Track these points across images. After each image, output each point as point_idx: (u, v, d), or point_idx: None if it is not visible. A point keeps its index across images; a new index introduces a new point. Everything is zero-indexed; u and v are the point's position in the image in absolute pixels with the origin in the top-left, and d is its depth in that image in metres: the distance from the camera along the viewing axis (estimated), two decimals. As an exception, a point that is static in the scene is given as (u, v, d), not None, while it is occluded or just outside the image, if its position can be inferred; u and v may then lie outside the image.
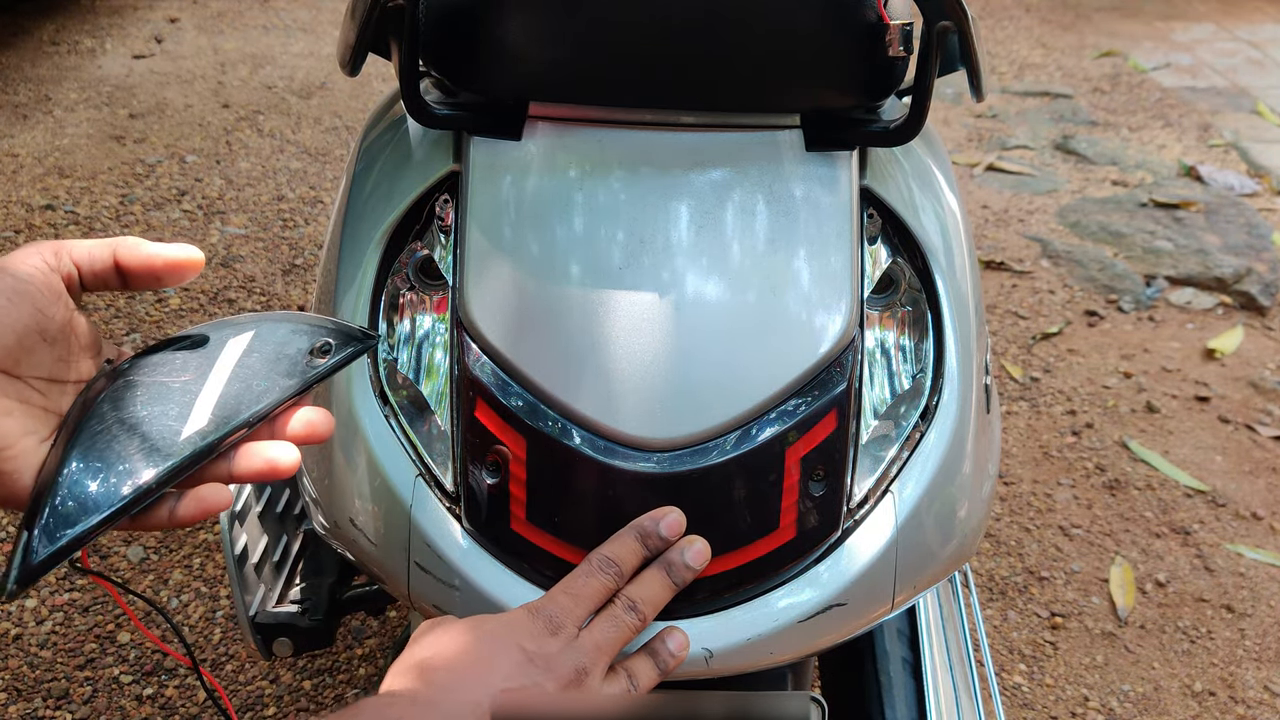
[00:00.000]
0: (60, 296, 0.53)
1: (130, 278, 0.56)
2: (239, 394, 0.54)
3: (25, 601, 1.54)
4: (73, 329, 0.54)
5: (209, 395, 0.54)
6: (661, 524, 0.61)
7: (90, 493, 0.50)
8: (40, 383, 0.53)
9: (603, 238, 0.64)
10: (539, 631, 0.58)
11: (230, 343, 0.56)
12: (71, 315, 0.54)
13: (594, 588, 0.60)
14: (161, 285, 0.57)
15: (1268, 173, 3.06)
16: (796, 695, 0.72)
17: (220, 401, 0.54)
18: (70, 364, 0.55)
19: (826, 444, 0.63)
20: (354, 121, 3.15)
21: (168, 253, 0.56)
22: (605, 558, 0.61)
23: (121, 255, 0.55)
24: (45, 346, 0.53)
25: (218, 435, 0.53)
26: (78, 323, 0.55)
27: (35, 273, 0.52)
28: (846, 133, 0.68)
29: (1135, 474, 1.91)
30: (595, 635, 0.60)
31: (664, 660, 0.62)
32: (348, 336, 0.58)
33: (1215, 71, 3.90)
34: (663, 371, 0.62)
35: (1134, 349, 2.27)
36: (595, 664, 0.59)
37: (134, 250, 0.55)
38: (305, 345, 0.57)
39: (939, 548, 0.68)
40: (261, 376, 0.55)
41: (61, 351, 0.54)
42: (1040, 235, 2.70)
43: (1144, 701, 1.49)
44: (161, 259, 0.55)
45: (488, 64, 0.65)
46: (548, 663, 0.57)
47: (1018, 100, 3.60)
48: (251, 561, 0.91)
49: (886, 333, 0.69)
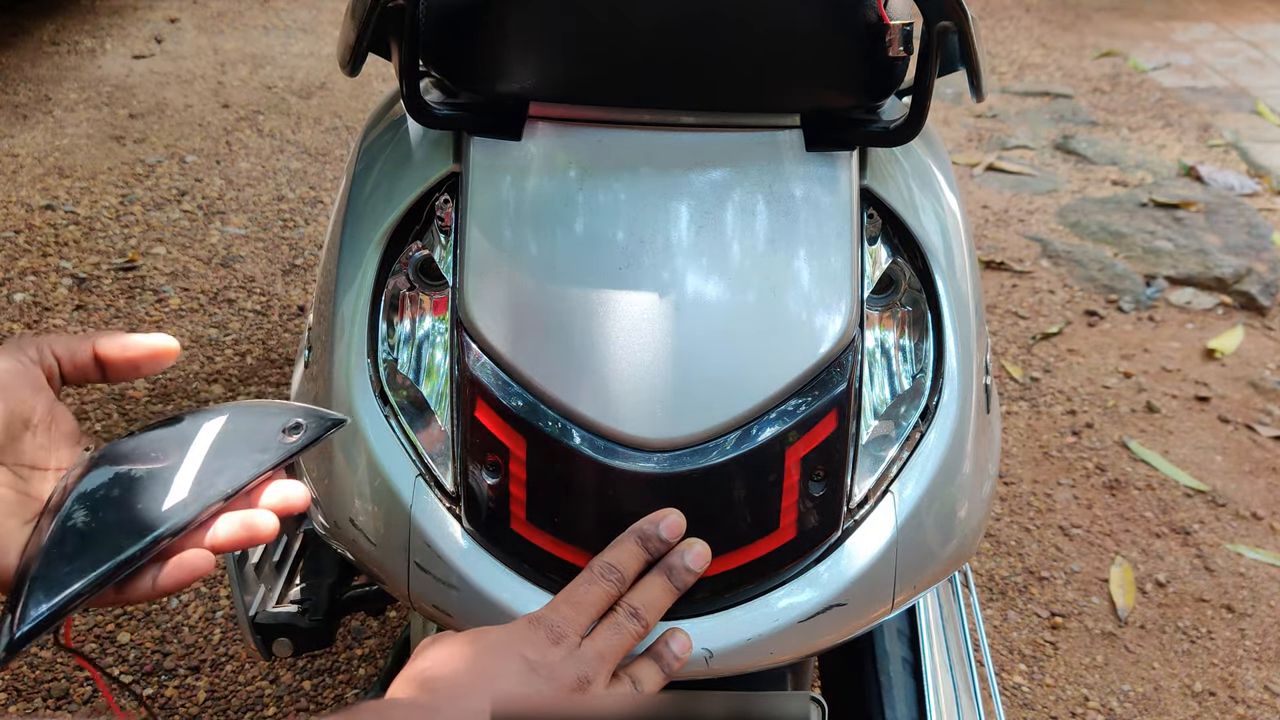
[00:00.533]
0: (42, 388, 0.58)
1: (109, 369, 0.60)
2: (216, 469, 0.57)
3: (25, 601, 1.54)
4: (54, 419, 0.59)
5: (187, 471, 0.57)
6: (661, 526, 0.61)
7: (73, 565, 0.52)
8: (23, 469, 0.57)
9: (603, 238, 0.64)
10: (541, 641, 0.58)
11: (205, 425, 0.59)
12: (52, 405, 0.59)
13: (596, 595, 0.60)
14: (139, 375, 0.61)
15: (1268, 173, 3.07)
16: (796, 695, 0.72)
17: (199, 476, 0.57)
18: (51, 451, 0.59)
19: (826, 444, 0.63)
20: (354, 121, 3.15)
21: (144, 343, 0.61)
22: (607, 564, 0.61)
23: (101, 348, 0.60)
24: (28, 435, 0.57)
25: (197, 507, 0.56)
26: (59, 413, 0.59)
27: (18, 365, 0.57)
28: (846, 133, 0.68)
29: (1135, 474, 1.91)
30: (598, 643, 0.59)
31: (668, 663, 0.61)
32: (318, 418, 0.61)
33: (1215, 71, 3.90)
34: (663, 371, 0.62)
35: (1134, 349, 2.27)
36: (598, 672, 0.59)
37: (112, 343, 0.60)
38: (278, 424, 0.60)
39: (939, 548, 0.68)
40: (237, 453, 0.58)
41: (43, 440, 0.58)
42: (1040, 235, 2.70)
43: (1144, 701, 1.49)
44: (139, 349, 0.60)
45: (488, 64, 0.65)
46: (550, 672, 0.57)
47: (1018, 100, 3.60)
48: (251, 561, 0.91)
49: (886, 333, 0.69)
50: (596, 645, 0.59)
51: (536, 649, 0.58)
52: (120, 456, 0.58)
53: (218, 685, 1.44)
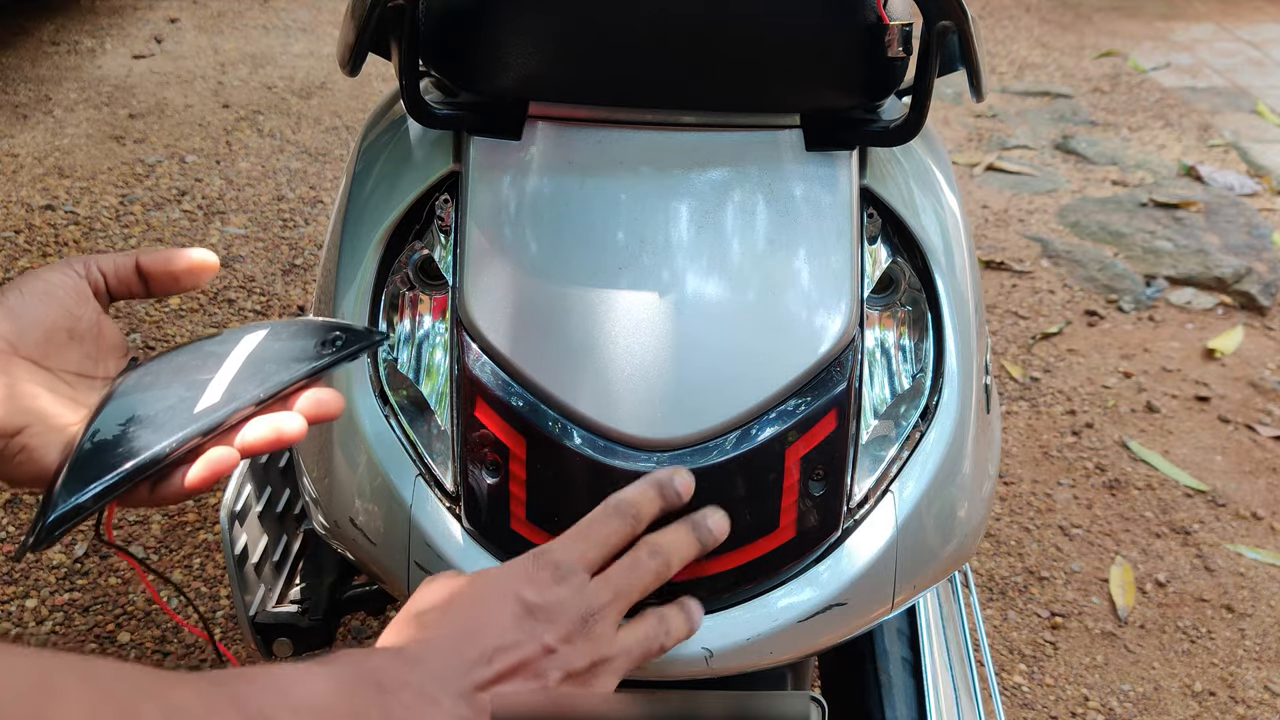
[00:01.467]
0: (88, 300, 0.60)
1: (152, 283, 0.62)
2: (250, 376, 0.58)
3: (26, 601, 1.54)
4: (100, 331, 0.61)
5: (222, 378, 0.58)
6: (676, 479, 0.59)
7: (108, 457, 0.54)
8: (69, 376, 0.59)
9: (602, 238, 0.64)
10: (544, 580, 0.55)
11: (245, 338, 0.60)
12: (99, 318, 0.61)
13: (610, 531, 0.57)
14: (181, 289, 0.63)
15: (1268, 173, 3.07)
16: (796, 695, 0.72)
17: (233, 383, 0.58)
18: (98, 362, 0.60)
19: (826, 444, 0.63)
20: (354, 121, 3.15)
21: (185, 257, 0.62)
22: (624, 500, 0.58)
23: (144, 262, 0.62)
24: (73, 344, 0.59)
25: (229, 410, 0.57)
26: (105, 326, 0.61)
27: (64, 278, 0.59)
28: (846, 133, 0.68)
29: (1135, 474, 1.91)
30: (612, 580, 0.56)
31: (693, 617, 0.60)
32: (357, 332, 0.62)
33: (1215, 71, 3.90)
34: (663, 371, 0.62)
35: (1134, 349, 2.27)
36: (608, 610, 0.56)
37: (155, 258, 0.62)
38: (317, 339, 0.61)
39: (939, 547, 0.68)
40: (273, 363, 0.59)
41: (89, 350, 0.60)
42: (1040, 235, 2.70)
43: (1144, 701, 1.49)
44: (180, 263, 0.62)
45: (488, 64, 0.65)
46: (550, 614, 0.54)
47: (1018, 100, 3.60)
48: (251, 561, 0.91)
49: (886, 332, 0.69)
50: (611, 581, 0.56)
51: (537, 588, 0.55)
52: (160, 367, 0.59)
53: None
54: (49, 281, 0.58)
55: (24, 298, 0.57)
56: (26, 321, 0.57)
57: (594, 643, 0.55)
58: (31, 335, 0.57)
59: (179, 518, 1.70)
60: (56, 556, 1.62)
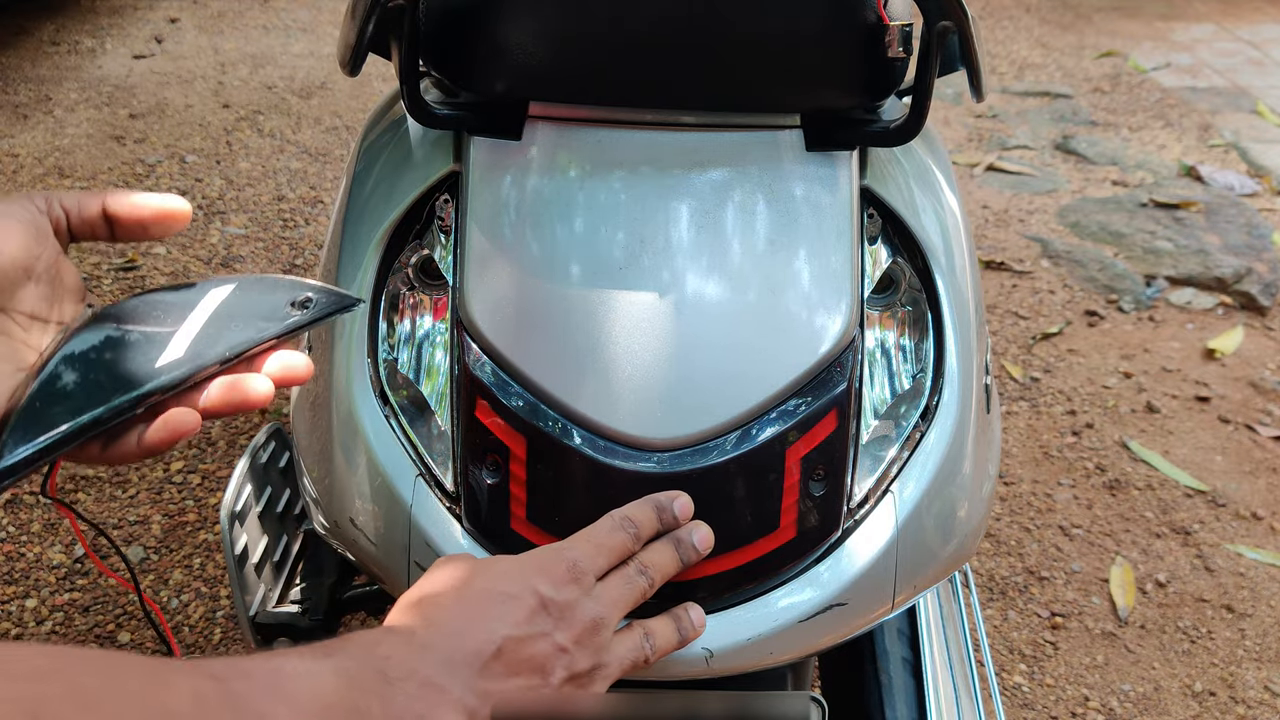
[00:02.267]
0: (47, 238, 0.56)
1: (118, 227, 0.57)
2: (216, 334, 0.55)
3: (26, 601, 1.54)
4: (59, 272, 0.57)
5: (186, 334, 0.55)
6: (675, 504, 0.61)
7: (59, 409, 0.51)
8: (23, 318, 0.55)
9: (603, 238, 0.64)
10: (560, 576, 0.56)
11: (212, 292, 0.57)
12: (58, 258, 0.57)
13: (616, 543, 0.59)
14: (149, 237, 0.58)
15: (1268, 173, 3.06)
16: (796, 695, 0.72)
17: (197, 339, 0.55)
18: (54, 305, 0.57)
19: (827, 444, 0.63)
20: (354, 121, 3.15)
21: (155, 202, 0.57)
22: (626, 518, 0.60)
23: (110, 204, 0.57)
24: (30, 284, 0.55)
25: (191, 368, 0.53)
26: (64, 267, 0.57)
27: (24, 212, 0.55)
28: (847, 133, 0.68)
29: (1135, 474, 1.91)
30: (611, 590, 0.58)
31: (685, 628, 0.61)
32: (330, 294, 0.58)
33: (1215, 71, 3.90)
34: (663, 371, 0.62)
35: (1134, 349, 2.27)
36: (611, 619, 0.57)
37: (122, 199, 0.57)
38: (287, 297, 0.57)
39: (939, 548, 0.68)
40: (240, 321, 0.56)
41: (46, 291, 0.56)
42: (1040, 235, 2.70)
43: (1144, 701, 1.49)
44: (149, 208, 0.57)
45: (488, 64, 0.65)
46: (562, 612, 0.55)
47: (1018, 100, 3.60)
48: (251, 561, 0.91)
49: (886, 333, 0.69)
50: (610, 592, 0.58)
51: (553, 584, 0.55)
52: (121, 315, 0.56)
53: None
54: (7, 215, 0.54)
55: None
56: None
57: (597, 648, 0.56)
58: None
59: (179, 518, 1.70)
60: (57, 556, 1.62)
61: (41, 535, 1.65)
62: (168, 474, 1.78)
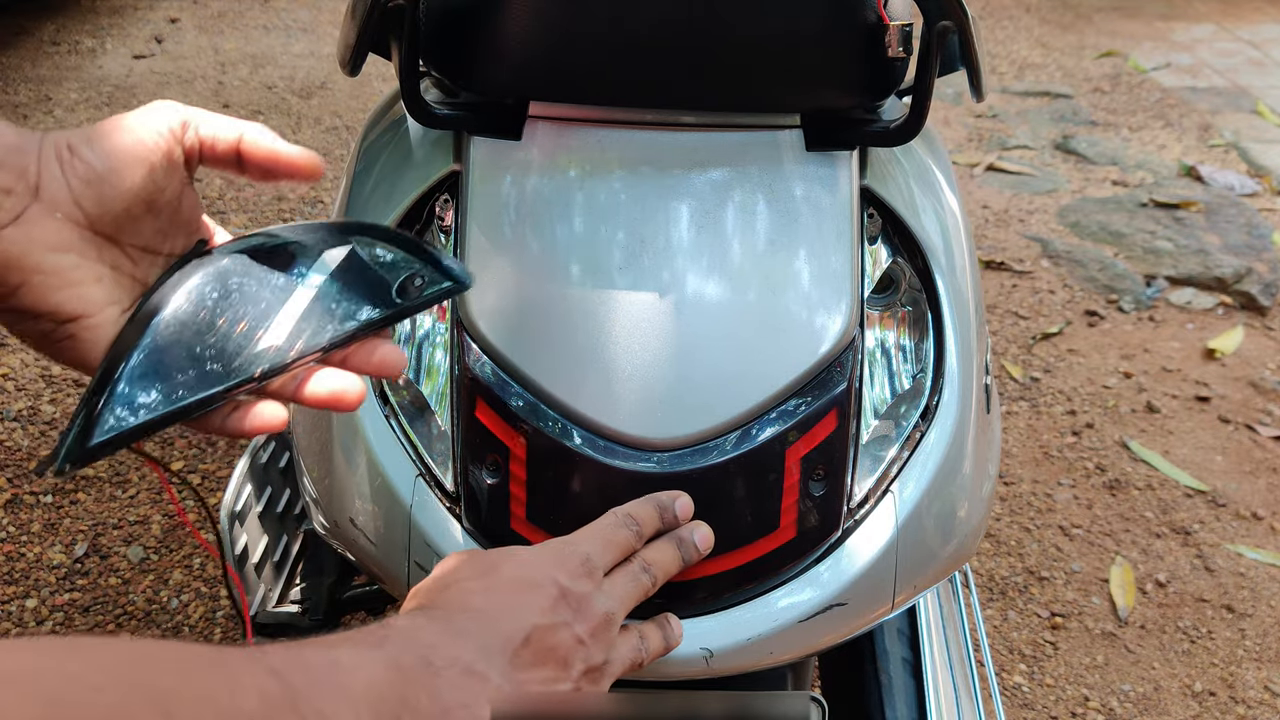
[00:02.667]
0: (178, 170, 0.52)
1: (248, 167, 0.54)
2: (322, 315, 0.53)
3: (26, 601, 1.54)
4: (181, 202, 0.54)
5: (292, 310, 0.53)
6: (676, 503, 0.61)
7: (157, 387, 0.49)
8: (135, 251, 0.53)
9: (603, 238, 0.64)
10: (575, 569, 0.56)
11: (325, 255, 0.54)
12: (183, 188, 0.53)
13: (621, 540, 0.59)
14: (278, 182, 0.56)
15: (1268, 173, 3.06)
16: (796, 695, 0.72)
17: (302, 319, 0.52)
18: (169, 236, 0.54)
19: (827, 444, 0.63)
20: (354, 121, 3.15)
21: (291, 154, 0.54)
22: (629, 516, 0.60)
23: (245, 145, 0.54)
24: (150, 216, 0.52)
25: (293, 356, 0.52)
26: (187, 196, 0.54)
27: (160, 141, 0.51)
28: (847, 133, 0.68)
29: (1135, 474, 1.91)
30: (618, 587, 0.58)
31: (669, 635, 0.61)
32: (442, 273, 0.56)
33: (1215, 71, 3.90)
34: (663, 371, 0.62)
35: (1134, 349, 2.27)
36: (619, 615, 0.57)
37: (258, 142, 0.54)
38: (397, 276, 0.55)
39: (939, 548, 0.68)
40: (348, 301, 0.53)
41: (164, 224, 0.53)
42: (1040, 235, 2.70)
43: (1144, 701, 1.49)
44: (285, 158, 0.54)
45: (488, 64, 0.65)
46: (579, 604, 0.55)
47: (1018, 100, 3.60)
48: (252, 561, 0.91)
49: (886, 333, 0.69)
50: (617, 588, 0.58)
51: (571, 577, 0.56)
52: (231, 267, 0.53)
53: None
54: (141, 142, 0.50)
55: (112, 160, 0.49)
56: (111, 192, 0.49)
57: (607, 644, 0.57)
58: (112, 207, 0.50)
59: (179, 518, 1.70)
60: (57, 557, 1.62)
61: (42, 535, 1.65)
62: (168, 474, 1.78)
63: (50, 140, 0.49)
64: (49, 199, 0.48)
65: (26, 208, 0.48)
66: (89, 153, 0.49)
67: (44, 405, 1.92)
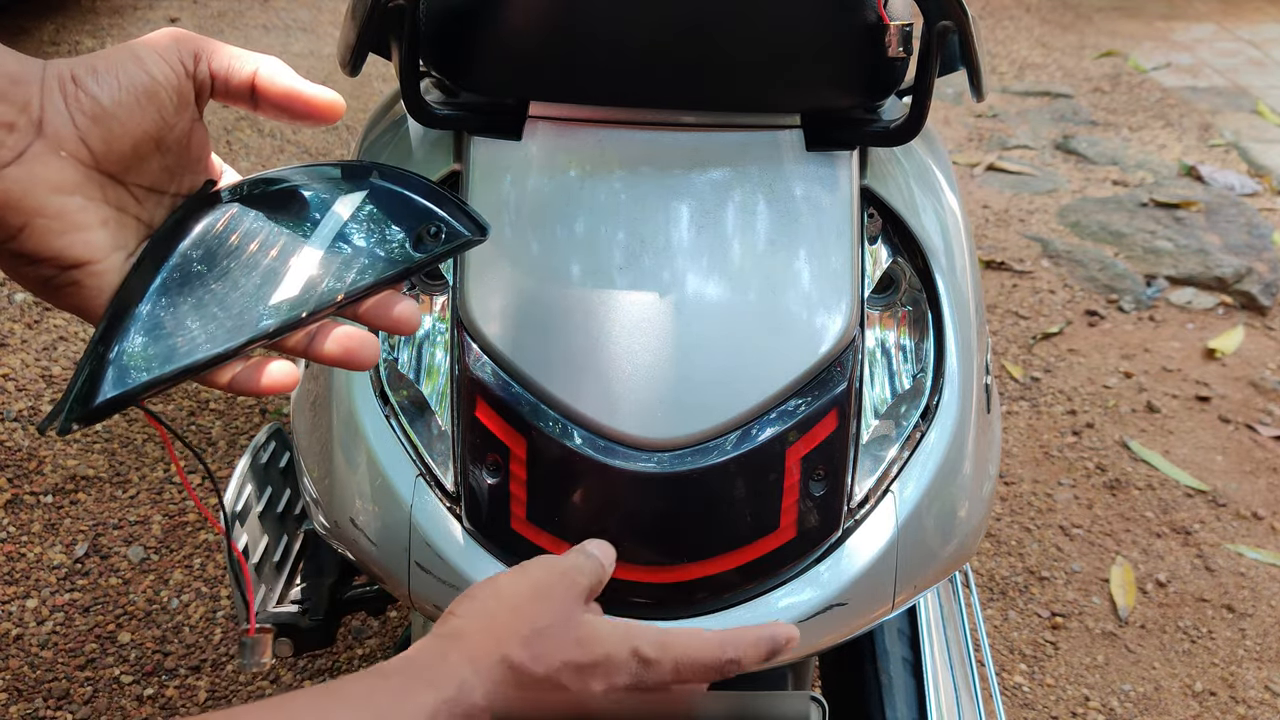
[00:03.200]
0: (188, 106, 0.49)
1: (262, 104, 0.51)
2: (337, 268, 0.50)
3: (26, 601, 1.54)
4: (190, 140, 0.51)
5: (304, 262, 0.50)
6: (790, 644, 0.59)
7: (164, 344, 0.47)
8: (141, 191, 0.50)
9: (603, 238, 0.64)
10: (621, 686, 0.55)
11: (339, 202, 0.52)
12: (193, 125, 0.50)
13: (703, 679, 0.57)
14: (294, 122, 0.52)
15: (1268, 173, 3.06)
16: (796, 695, 0.72)
17: (316, 273, 0.50)
18: (176, 175, 0.51)
19: (827, 444, 0.63)
20: (354, 121, 3.15)
21: (309, 92, 0.51)
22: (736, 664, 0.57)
23: (261, 81, 0.50)
24: (158, 155, 0.49)
25: (306, 311, 0.49)
26: (196, 133, 0.51)
27: (170, 76, 0.48)
28: (847, 133, 0.68)
29: (1136, 474, 1.91)
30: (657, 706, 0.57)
31: None
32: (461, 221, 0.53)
33: (1216, 71, 3.90)
34: (663, 371, 0.62)
35: (1134, 349, 2.27)
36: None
37: (274, 78, 0.50)
38: (414, 224, 0.52)
39: (939, 547, 0.68)
40: (364, 253, 0.51)
41: (171, 162, 0.50)
42: (1041, 235, 2.70)
43: (1144, 701, 1.49)
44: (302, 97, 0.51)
45: (488, 64, 0.65)
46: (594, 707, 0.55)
47: (1018, 100, 3.60)
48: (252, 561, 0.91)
49: (887, 332, 0.69)
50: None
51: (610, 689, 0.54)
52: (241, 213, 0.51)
53: (218, 685, 1.44)
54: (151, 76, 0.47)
55: (120, 95, 0.46)
56: (119, 129, 0.46)
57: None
58: (120, 146, 0.47)
59: (179, 518, 1.70)
60: (57, 557, 1.62)
61: (42, 535, 1.65)
62: (168, 474, 1.78)
63: (53, 70, 0.46)
64: (53, 135, 0.45)
65: (29, 145, 0.45)
66: (95, 86, 0.46)
67: (44, 405, 1.92)
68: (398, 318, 0.52)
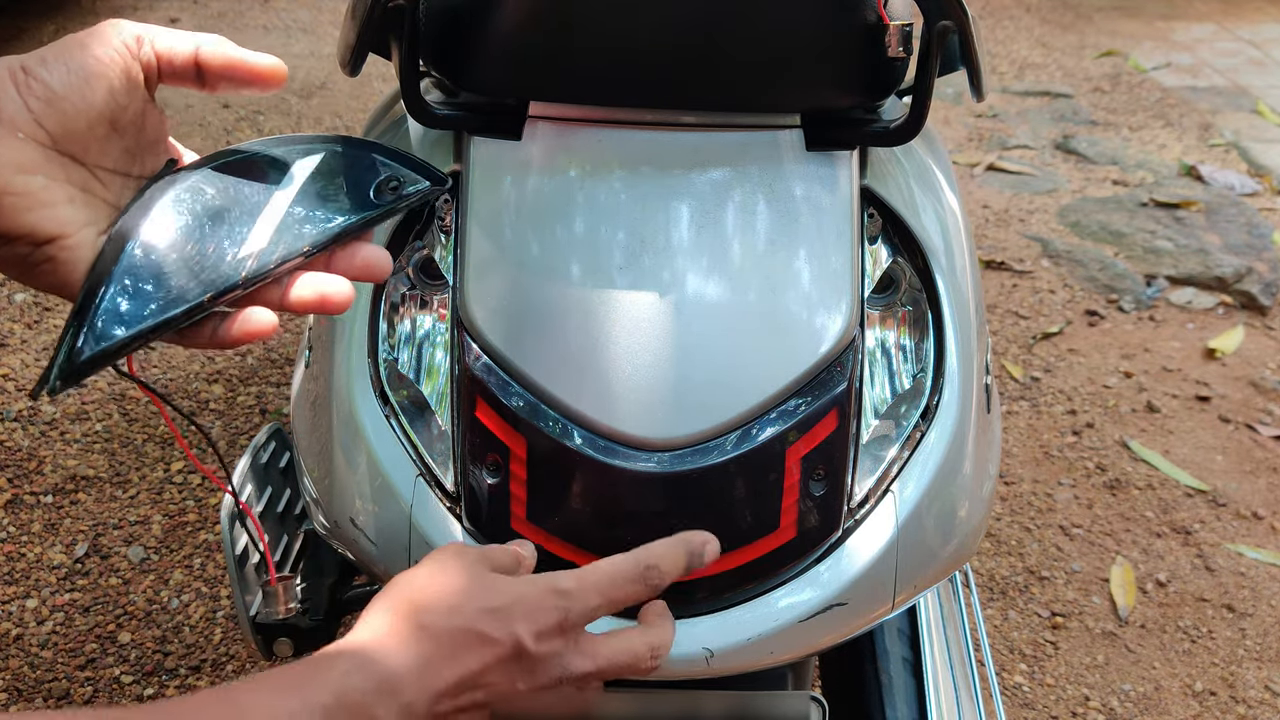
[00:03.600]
0: (137, 86, 0.52)
1: (209, 79, 0.54)
2: (301, 220, 0.53)
3: (26, 601, 1.54)
4: (144, 122, 0.53)
5: (270, 216, 0.53)
6: (708, 550, 0.59)
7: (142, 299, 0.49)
8: (105, 173, 0.52)
9: (603, 238, 0.64)
10: (550, 626, 0.53)
11: (299, 163, 0.55)
12: (145, 107, 0.53)
13: (630, 594, 0.56)
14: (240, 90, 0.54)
15: (1268, 172, 3.06)
16: (796, 695, 0.72)
17: (281, 225, 0.53)
18: (137, 157, 0.54)
19: (827, 444, 0.63)
20: (354, 121, 3.15)
21: (251, 60, 0.53)
22: (656, 569, 0.57)
23: (204, 55, 0.53)
24: (115, 136, 0.52)
25: (275, 261, 0.52)
26: (150, 115, 0.54)
27: (116, 57, 0.50)
28: (847, 133, 0.68)
29: (1136, 474, 1.91)
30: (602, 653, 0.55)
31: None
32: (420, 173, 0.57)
33: (1216, 71, 3.90)
34: (663, 371, 0.62)
35: (1134, 349, 2.27)
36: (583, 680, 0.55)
37: (216, 50, 0.53)
38: (374, 178, 0.55)
39: (939, 547, 0.68)
40: (326, 205, 0.54)
41: (130, 144, 0.53)
42: (1041, 235, 2.70)
43: (1145, 701, 1.49)
44: (244, 66, 0.53)
45: (488, 64, 0.65)
46: (533, 666, 0.53)
47: (1018, 100, 3.60)
48: (252, 561, 0.91)
49: (887, 332, 0.69)
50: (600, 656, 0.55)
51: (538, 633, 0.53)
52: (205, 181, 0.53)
53: (218, 685, 1.44)
54: (97, 59, 0.50)
55: (69, 78, 0.49)
56: (70, 109, 0.49)
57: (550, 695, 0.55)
58: (74, 126, 0.49)
59: (179, 518, 1.70)
60: (57, 557, 1.62)
61: (42, 535, 1.66)
62: (168, 474, 1.78)
63: (4, 64, 0.48)
64: (8, 120, 0.48)
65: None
66: (45, 73, 0.48)
67: (44, 405, 1.92)
68: (365, 262, 0.54)
